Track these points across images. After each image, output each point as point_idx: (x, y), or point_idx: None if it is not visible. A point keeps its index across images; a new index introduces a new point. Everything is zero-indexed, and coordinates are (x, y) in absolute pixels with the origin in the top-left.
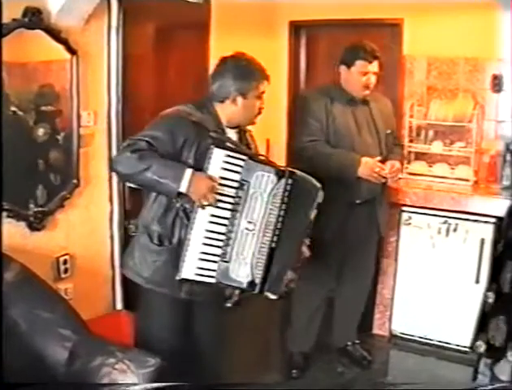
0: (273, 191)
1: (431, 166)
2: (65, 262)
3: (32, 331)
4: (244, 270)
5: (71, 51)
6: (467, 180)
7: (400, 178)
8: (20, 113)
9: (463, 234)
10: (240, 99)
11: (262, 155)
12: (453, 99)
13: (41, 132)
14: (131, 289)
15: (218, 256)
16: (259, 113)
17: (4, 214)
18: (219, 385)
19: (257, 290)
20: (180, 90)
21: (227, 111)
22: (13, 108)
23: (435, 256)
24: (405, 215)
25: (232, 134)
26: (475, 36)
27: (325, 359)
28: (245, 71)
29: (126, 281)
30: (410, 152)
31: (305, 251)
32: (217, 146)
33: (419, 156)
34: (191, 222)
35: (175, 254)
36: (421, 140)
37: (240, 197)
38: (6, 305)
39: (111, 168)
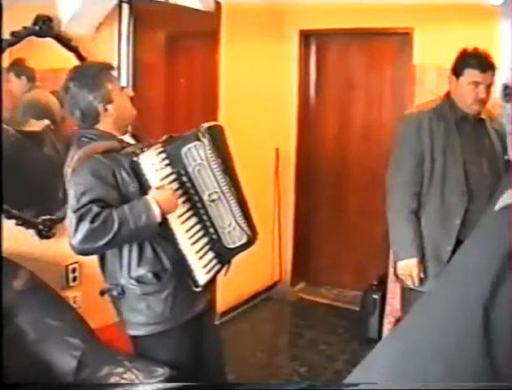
0: (207, 154)
1: None
2: (74, 270)
3: (40, 339)
4: (235, 234)
5: (82, 59)
6: None
7: None
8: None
9: None
10: (110, 106)
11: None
12: None
13: (46, 140)
14: None
15: (208, 244)
16: (133, 104)
17: (13, 221)
18: (224, 385)
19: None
20: (190, 98)
21: (108, 124)
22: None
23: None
24: None
25: (129, 139)
26: (484, 45)
27: None
28: (95, 80)
29: None
30: None
31: None
32: (138, 156)
33: None
34: (171, 234)
35: (177, 275)
36: None
37: (185, 182)
38: (14, 313)
39: (82, 253)
